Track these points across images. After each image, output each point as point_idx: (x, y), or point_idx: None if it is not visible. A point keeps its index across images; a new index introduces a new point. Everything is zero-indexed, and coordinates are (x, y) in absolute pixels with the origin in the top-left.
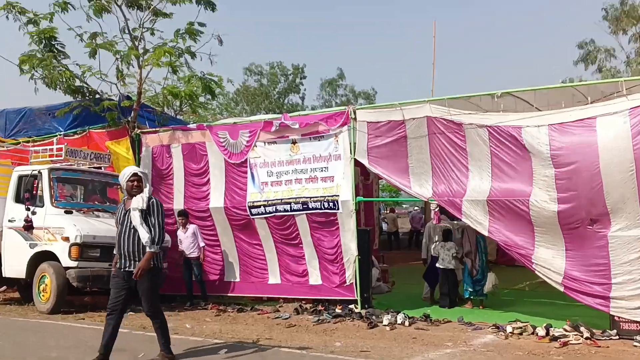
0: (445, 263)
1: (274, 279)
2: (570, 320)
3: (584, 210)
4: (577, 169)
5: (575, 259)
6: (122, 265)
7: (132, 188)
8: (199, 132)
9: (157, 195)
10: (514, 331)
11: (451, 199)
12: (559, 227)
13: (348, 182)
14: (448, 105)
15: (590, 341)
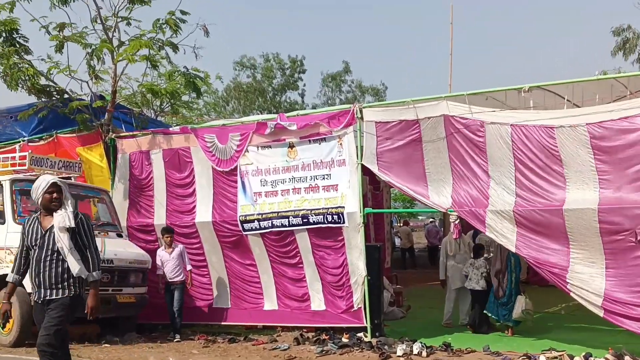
0: (472, 283)
1: (270, 305)
2: (613, 348)
3: (629, 221)
4: (622, 175)
5: (617, 278)
6: (41, 296)
7: (50, 201)
8: (183, 136)
9: (135, 208)
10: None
11: (473, 209)
12: (600, 241)
13: (354, 191)
14: (469, 102)
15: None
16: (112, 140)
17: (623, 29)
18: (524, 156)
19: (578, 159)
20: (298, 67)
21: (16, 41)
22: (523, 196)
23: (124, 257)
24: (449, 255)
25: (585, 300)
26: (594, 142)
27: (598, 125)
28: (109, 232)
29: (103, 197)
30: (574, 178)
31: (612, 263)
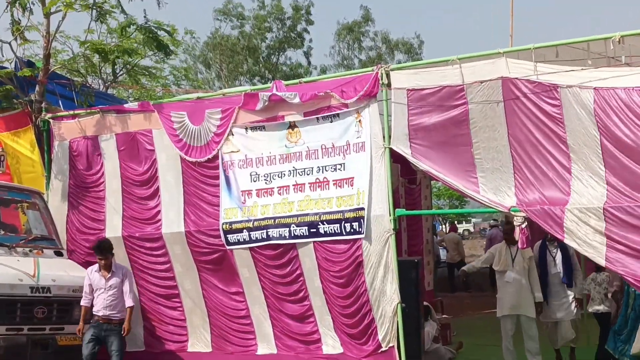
0: (595, 305)
1: (265, 348)
2: None
3: None
4: None
5: None
6: None
7: None
8: (143, 115)
9: (79, 215)
10: None
11: (547, 208)
12: None
13: (380, 186)
14: (536, 58)
15: None
16: (46, 123)
17: None
18: (616, 131)
19: None
20: (303, 17)
21: None
22: (617, 188)
23: (65, 284)
24: (499, 271)
25: None
26: None
27: None
28: (43, 249)
29: (35, 201)
30: None
31: None
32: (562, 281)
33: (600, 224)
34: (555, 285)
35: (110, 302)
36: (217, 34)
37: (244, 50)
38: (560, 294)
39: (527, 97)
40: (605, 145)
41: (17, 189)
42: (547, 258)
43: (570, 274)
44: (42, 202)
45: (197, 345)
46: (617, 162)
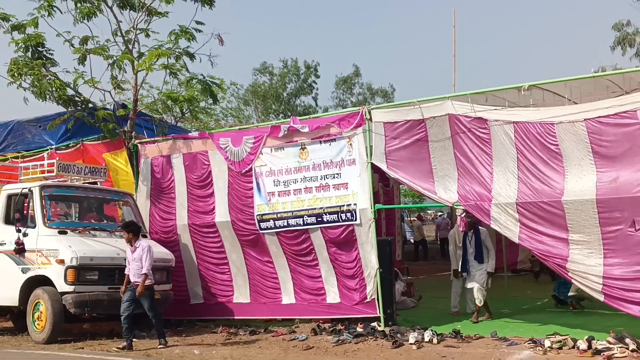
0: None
1: (288, 299)
2: (614, 331)
3: (626, 211)
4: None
5: (615, 265)
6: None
7: None
8: (201, 141)
9: (158, 210)
10: (552, 345)
11: (478, 203)
12: (599, 231)
13: (365, 188)
14: (471, 101)
15: (637, 354)
16: (135, 146)
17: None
18: (526, 151)
19: (577, 153)
20: (312, 72)
21: (42, 54)
22: (525, 190)
23: None
24: (458, 246)
25: (586, 286)
26: (592, 136)
27: (596, 120)
28: None
29: (128, 200)
30: (573, 171)
31: (610, 251)
32: (474, 258)
33: (515, 214)
34: (471, 261)
35: (135, 271)
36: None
37: (272, 96)
38: (474, 267)
39: (466, 128)
40: (519, 160)
41: (116, 192)
42: (466, 242)
43: (482, 254)
44: (132, 200)
45: (240, 298)
46: (527, 172)
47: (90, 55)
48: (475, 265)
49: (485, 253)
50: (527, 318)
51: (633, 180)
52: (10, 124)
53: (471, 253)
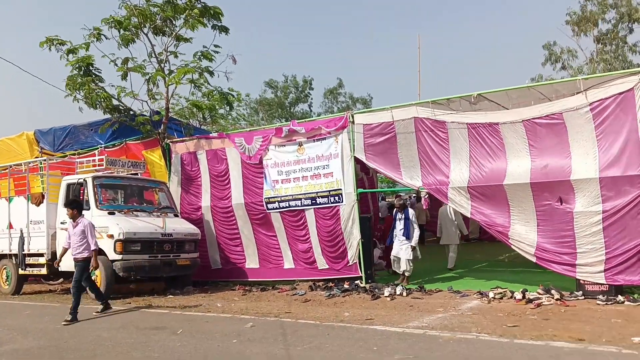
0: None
1: (289, 265)
2: (543, 284)
3: (554, 191)
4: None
5: (546, 233)
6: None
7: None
8: (220, 140)
9: (187, 195)
10: (495, 296)
11: (438, 187)
12: (533, 206)
13: (349, 176)
14: (432, 106)
15: (560, 302)
16: (168, 145)
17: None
18: (476, 146)
19: (516, 146)
20: (308, 86)
21: (92, 72)
22: (475, 176)
23: (180, 231)
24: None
25: (522, 250)
26: (528, 133)
27: (531, 121)
28: (168, 213)
29: (162, 187)
30: (513, 161)
31: (542, 222)
32: (403, 234)
33: (467, 195)
34: (399, 236)
35: (75, 245)
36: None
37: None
38: (401, 241)
39: (429, 128)
40: (471, 153)
41: (153, 181)
42: (396, 219)
43: (409, 231)
44: (166, 188)
45: (251, 264)
46: (476, 162)
47: (131, 72)
48: (403, 240)
49: (411, 230)
50: (475, 275)
51: (559, 167)
52: (68, 128)
53: (400, 230)
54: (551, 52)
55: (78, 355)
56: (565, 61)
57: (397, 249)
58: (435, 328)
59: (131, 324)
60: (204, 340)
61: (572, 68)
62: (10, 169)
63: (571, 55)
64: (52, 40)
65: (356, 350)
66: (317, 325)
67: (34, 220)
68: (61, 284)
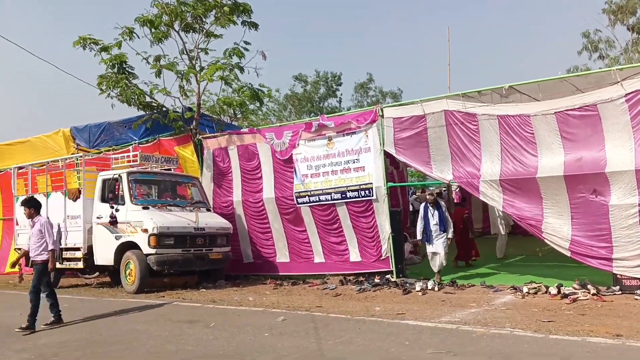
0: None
1: (319, 259)
2: (579, 279)
3: (588, 183)
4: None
5: (580, 226)
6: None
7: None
8: (250, 135)
9: (219, 190)
10: (529, 291)
11: (469, 180)
12: (567, 199)
13: (379, 170)
14: (463, 99)
15: (596, 297)
16: (200, 141)
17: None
18: (508, 139)
19: (548, 139)
20: (337, 81)
21: (126, 70)
22: (507, 168)
23: (212, 226)
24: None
25: (556, 244)
26: (560, 125)
27: (564, 113)
28: (200, 208)
29: (195, 182)
30: (545, 153)
31: (576, 215)
32: (439, 229)
33: (499, 188)
34: (435, 231)
35: (33, 246)
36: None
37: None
38: (438, 236)
39: (459, 121)
40: (502, 145)
41: (185, 176)
42: (428, 215)
43: (445, 224)
44: (198, 183)
45: (282, 258)
46: (508, 155)
47: (163, 69)
48: (439, 235)
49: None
50: (508, 270)
51: (594, 159)
52: (102, 124)
53: (434, 224)
54: (590, 41)
55: (114, 347)
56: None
57: (435, 244)
58: (468, 323)
59: (165, 317)
60: (236, 334)
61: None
62: (47, 165)
63: (608, 44)
64: (85, 40)
65: (388, 345)
66: (348, 320)
67: (70, 215)
68: (97, 278)
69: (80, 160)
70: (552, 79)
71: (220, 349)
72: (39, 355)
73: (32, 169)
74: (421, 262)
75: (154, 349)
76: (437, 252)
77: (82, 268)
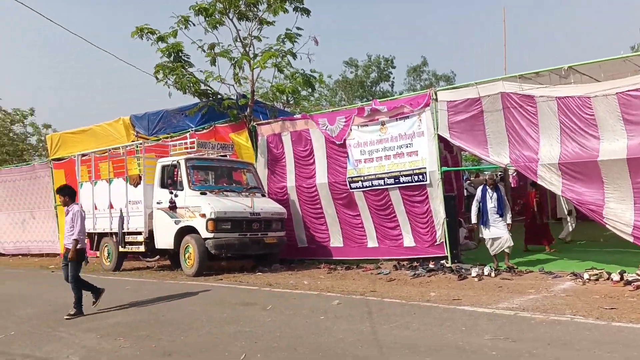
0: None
1: (372, 244)
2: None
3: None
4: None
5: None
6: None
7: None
8: (303, 121)
9: (273, 175)
10: (590, 277)
11: (527, 164)
12: (630, 183)
13: (433, 155)
14: (520, 81)
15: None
16: (254, 127)
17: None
18: (567, 121)
19: (610, 120)
20: (390, 65)
21: (181, 59)
22: (566, 152)
23: (267, 211)
24: None
25: (618, 230)
26: (622, 107)
27: (626, 94)
28: (256, 193)
29: (250, 168)
30: (607, 136)
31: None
32: (497, 212)
33: (558, 172)
34: (492, 214)
35: (66, 234)
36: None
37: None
38: (496, 220)
39: (517, 103)
40: (562, 128)
41: (241, 162)
42: (486, 197)
43: (503, 208)
44: (253, 169)
45: (335, 243)
46: (568, 138)
47: (218, 57)
48: (497, 218)
49: (505, 208)
50: (568, 256)
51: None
52: (160, 112)
53: (491, 208)
54: None
55: (175, 327)
56: None
57: (493, 228)
58: (527, 309)
59: (223, 300)
60: (292, 316)
61: None
62: (109, 153)
63: None
64: (142, 30)
65: (444, 330)
66: (403, 304)
67: (132, 200)
68: (157, 261)
69: (140, 147)
70: (614, 59)
71: (277, 331)
72: (105, 335)
73: (94, 156)
74: (476, 247)
75: (214, 330)
76: (496, 236)
77: (143, 251)
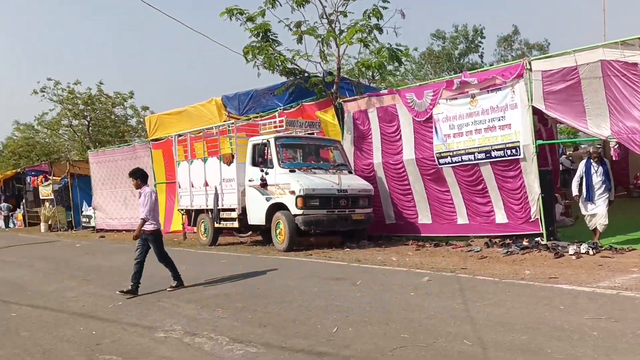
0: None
1: (462, 220)
2: None
3: None
4: None
5: None
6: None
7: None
8: (390, 97)
9: (359, 152)
10: None
11: (630, 135)
12: None
13: (527, 128)
14: (621, 47)
15: None
16: (340, 104)
17: None
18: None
19: None
20: (479, 35)
21: (269, 38)
22: None
23: (354, 188)
24: None
25: None
26: None
27: None
28: (343, 170)
29: (337, 145)
30: None
31: None
32: (602, 187)
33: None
34: (597, 189)
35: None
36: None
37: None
38: (600, 195)
39: (618, 71)
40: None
41: (328, 140)
42: (591, 171)
43: (609, 181)
44: (340, 146)
45: (423, 219)
46: None
47: (304, 35)
48: (601, 193)
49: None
50: None
51: None
52: (250, 92)
53: (597, 182)
54: None
55: (269, 300)
56: None
57: (597, 202)
58: (630, 289)
59: (314, 275)
60: (382, 292)
61: None
62: (203, 133)
63: None
64: (232, 11)
65: (541, 309)
66: (496, 282)
67: (225, 178)
68: (250, 237)
69: (232, 127)
70: None
71: (367, 306)
72: (204, 306)
73: (190, 136)
74: (574, 224)
75: (305, 304)
76: (596, 212)
77: (237, 227)
